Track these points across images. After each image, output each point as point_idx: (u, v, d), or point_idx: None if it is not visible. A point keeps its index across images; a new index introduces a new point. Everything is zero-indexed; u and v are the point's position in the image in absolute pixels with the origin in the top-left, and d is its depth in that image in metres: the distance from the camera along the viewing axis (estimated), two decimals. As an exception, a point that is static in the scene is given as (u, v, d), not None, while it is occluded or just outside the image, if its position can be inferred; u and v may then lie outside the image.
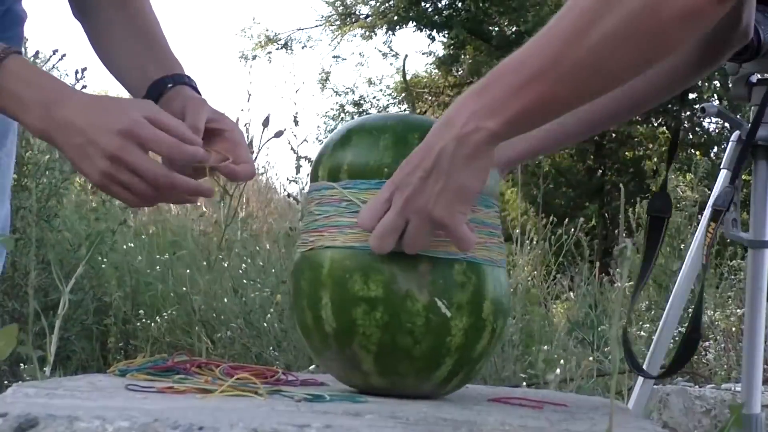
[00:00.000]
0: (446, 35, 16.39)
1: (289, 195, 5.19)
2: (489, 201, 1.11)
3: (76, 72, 3.73)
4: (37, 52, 4.05)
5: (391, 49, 17.72)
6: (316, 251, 1.10)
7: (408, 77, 1.26)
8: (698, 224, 2.09)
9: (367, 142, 1.11)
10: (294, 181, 5.02)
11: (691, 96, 13.45)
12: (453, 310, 1.04)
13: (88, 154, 1.14)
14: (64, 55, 3.95)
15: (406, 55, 1.38)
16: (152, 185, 1.16)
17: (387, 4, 16.77)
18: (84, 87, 3.83)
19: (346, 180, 1.10)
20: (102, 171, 1.14)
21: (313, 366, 2.50)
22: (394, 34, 17.25)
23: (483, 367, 1.12)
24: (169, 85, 1.34)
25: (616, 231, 6.25)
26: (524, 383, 3.13)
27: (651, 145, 14.60)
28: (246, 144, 1.30)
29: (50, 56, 3.96)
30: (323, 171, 1.13)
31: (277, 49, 18.18)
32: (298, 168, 4.84)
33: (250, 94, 5.18)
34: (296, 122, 4.49)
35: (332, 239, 1.09)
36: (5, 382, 3.00)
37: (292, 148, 4.76)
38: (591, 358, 3.48)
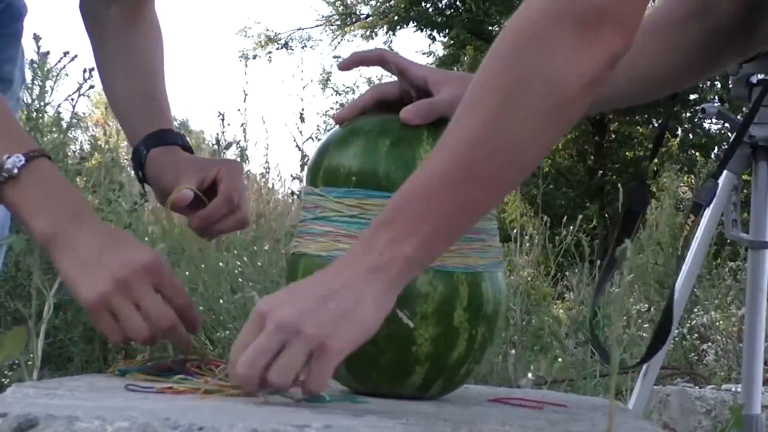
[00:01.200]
0: (447, 35, 16.39)
1: (292, 193, 5.19)
2: None
3: (84, 71, 3.71)
4: (48, 52, 4.01)
5: (392, 50, 17.71)
6: (295, 256, 1.10)
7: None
8: (699, 225, 2.09)
9: (341, 146, 1.10)
10: (298, 178, 5.01)
11: (692, 96, 13.45)
12: (417, 320, 1.03)
13: (93, 274, 1.08)
14: (75, 56, 3.92)
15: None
16: (152, 325, 1.09)
17: (387, 4, 16.77)
18: (92, 87, 3.83)
19: (321, 186, 1.10)
20: (102, 293, 1.07)
21: None
22: (394, 35, 17.24)
23: (473, 371, 1.11)
24: (144, 153, 1.37)
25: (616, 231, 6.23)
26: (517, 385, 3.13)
27: (651, 146, 14.60)
28: (239, 187, 1.31)
29: (61, 58, 3.94)
30: (307, 175, 1.14)
31: (277, 49, 18.17)
32: (303, 166, 4.85)
33: (246, 94, 5.18)
34: (302, 119, 4.47)
35: (306, 246, 1.09)
36: (4, 381, 3.00)
37: (297, 146, 4.76)
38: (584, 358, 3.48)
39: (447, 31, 16.22)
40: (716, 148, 13.69)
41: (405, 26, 16.68)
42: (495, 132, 0.93)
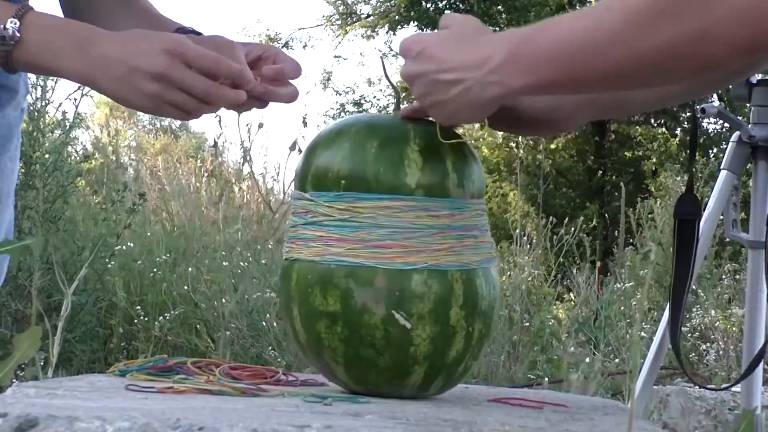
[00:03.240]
0: (447, 35, 16.35)
1: (267, 204, 5.18)
2: (459, 203, 1.08)
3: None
4: None
5: (391, 49, 17.70)
6: (289, 262, 1.10)
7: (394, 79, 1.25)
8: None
9: (329, 149, 1.09)
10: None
11: (692, 96, 13.40)
12: (413, 320, 1.03)
13: (133, 82, 1.14)
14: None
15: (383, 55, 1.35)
16: (202, 100, 1.16)
17: (388, 4, 16.76)
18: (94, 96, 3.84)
19: (311, 191, 1.09)
20: (151, 94, 1.15)
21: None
22: (395, 34, 17.23)
23: (471, 367, 1.11)
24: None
25: (616, 231, 6.24)
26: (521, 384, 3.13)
27: (650, 146, 14.59)
28: (291, 65, 1.27)
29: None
30: (295, 179, 1.13)
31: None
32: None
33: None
34: (305, 123, 4.51)
35: (298, 252, 1.08)
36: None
37: (299, 150, 4.76)
38: (588, 359, 3.48)
39: (447, 31, 16.18)
40: (715, 148, 13.68)
41: (406, 26, 16.66)
42: (632, 38, 0.92)
